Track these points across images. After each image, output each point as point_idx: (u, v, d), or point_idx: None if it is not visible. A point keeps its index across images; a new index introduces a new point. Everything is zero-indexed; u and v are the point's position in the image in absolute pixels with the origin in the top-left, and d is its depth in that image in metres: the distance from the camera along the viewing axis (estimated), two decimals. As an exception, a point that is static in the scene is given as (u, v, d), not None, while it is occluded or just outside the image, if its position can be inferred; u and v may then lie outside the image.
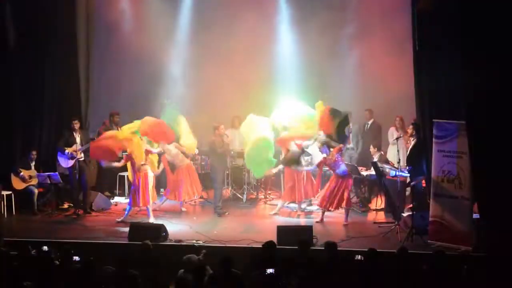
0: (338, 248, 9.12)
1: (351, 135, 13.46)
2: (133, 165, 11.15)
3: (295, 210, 12.07)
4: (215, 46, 14.55)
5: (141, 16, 14.32)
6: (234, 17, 14.16)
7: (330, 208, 11.24)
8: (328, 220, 11.29)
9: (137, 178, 11.14)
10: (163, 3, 14.43)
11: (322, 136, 11.63)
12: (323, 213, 11.35)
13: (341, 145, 11.34)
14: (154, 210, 11.54)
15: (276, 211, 12.04)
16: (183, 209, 12.27)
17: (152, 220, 11.08)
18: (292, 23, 14.58)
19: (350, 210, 11.35)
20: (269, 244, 8.29)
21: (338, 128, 11.20)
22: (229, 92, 14.00)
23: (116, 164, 11.44)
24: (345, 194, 11.13)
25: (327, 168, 11.64)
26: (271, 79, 14.62)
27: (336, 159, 11.21)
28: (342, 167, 11.20)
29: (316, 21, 13.97)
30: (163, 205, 12.33)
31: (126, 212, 11.32)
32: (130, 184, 11.96)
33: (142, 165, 11.11)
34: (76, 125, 11.95)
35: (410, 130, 11.15)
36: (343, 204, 11.17)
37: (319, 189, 12.01)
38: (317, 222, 11.18)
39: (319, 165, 11.55)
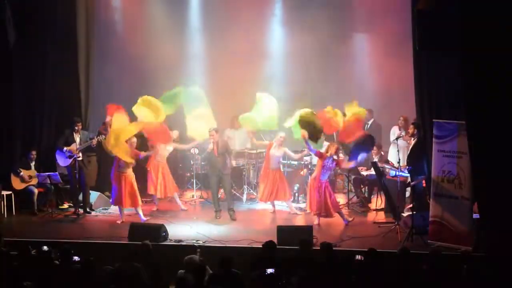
0: (339, 248, 9.18)
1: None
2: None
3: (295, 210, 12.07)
4: (215, 46, 14.58)
5: (141, 16, 14.34)
6: (233, 17, 14.16)
7: (327, 216, 11.12)
8: (328, 221, 11.26)
9: (119, 179, 11.25)
10: (163, 3, 14.43)
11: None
12: (318, 216, 11.22)
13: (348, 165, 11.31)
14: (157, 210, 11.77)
15: (272, 209, 12.13)
16: (184, 207, 12.24)
17: (143, 219, 11.14)
18: (291, 24, 14.58)
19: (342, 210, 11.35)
20: (269, 244, 8.29)
21: (358, 144, 11.16)
22: (229, 92, 14.00)
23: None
24: (331, 200, 11.03)
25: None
26: (271, 79, 14.64)
27: (331, 162, 11.06)
28: (328, 174, 11.13)
29: (316, 21, 13.98)
30: (162, 206, 12.31)
31: (119, 212, 11.40)
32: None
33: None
34: (78, 125, 11.95)
35: (411, 129, 11.15)
36: (333, 210, 11.06)
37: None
38: (316, 224, 11.13)
39: (317, 154, 11.16)
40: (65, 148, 11.83)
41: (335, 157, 11.05)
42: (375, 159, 11.79)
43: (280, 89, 14.54)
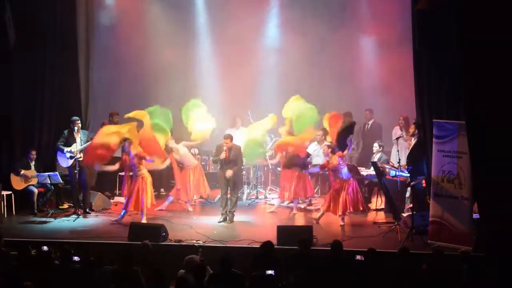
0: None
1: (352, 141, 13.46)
2: (126, 167, 11.20)
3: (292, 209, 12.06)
4: (216, 46, 14.59)
5: (141, 16, 14.33)
6: (234, 19, 14.15)
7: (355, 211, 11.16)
8: (328, 220, 11.25)
9: (132, 181, 11.16)
10: (163, 3, 14.43)
11: (321, 137, 12.11)
12: (322, 214, 11.27)
13: (344, 152, 11.22)
14: (160, 210, 11.80)
15: (274, 209, 12.10)
16: (190, 209, 12.22)
17: (144, 221, 11.04)
18: (292, 24, 14.57)
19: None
20: (266, 245, 8.28)
21: (341, 132, 11.14)
22: (230, 92, 14.00)
23: (110, 167, 11.40)
24: (359, 196, 11.05)
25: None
26: (271, 79, 14.65)
27: (338, 163, 11.05)
28: (345, 171, 11.07)
29: (316, 21, 13.99)
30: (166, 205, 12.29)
31: (121, 214, 11.30)
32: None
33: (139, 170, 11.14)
34: (77, 124, 11.93)
35: (412, 129, 11.13)
36: (360, 207, 11.08)
37: (314, 190, 12.35)
38: (315, 220, 11.13)
39: (322, 167, 11.49)
40: (65, 149, 11.81)
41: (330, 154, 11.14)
42: (375, 159, 11.78)
43: (280, 90, 14.59)
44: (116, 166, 11.41)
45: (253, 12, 14.28)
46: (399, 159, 10.86)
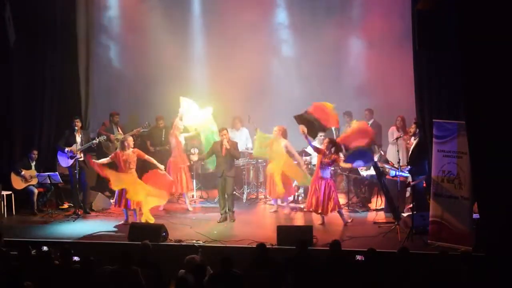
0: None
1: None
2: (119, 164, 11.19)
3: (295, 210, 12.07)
4: (215, 46, 14.58)
5: (141, 17, 14.33)
6: (235, 19, 14.15)
7: (323, 213, 11.01)
8: (328, 220, 11.24)
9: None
10: (163, 4, 14.43)
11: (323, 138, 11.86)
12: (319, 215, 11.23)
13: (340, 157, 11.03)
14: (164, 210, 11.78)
15: (275, 209, 12.08)
16: (190, 208, 12.22)
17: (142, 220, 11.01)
18: (292, 24, 14.58)
19: (343, 210, 11.27)
20: (260, 247, 8.27)
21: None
22: (230, 92, 14.00)
23: (102, 160, 11.32)
24: (331, 198, 10.87)
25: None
26: (271, 79, 14.65)
27: (332, 160, 10.89)
28: (326, 173, 10.93)
29: (316, 21, 13.99)
30: (166, 205, 12.25)
31: (125, 216, 11.29)
32: None
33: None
34: (78, 124, 11.94)
35: (412, 129, 11.12)
36: (334, 208, 10.93)
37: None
38: (319, 224, 11.10)
39: (319, 151, 11.03)
40: (66, 149, 11.82)
41: (331, 150, 10.89)
42: (375, 159, 11.77)
43: (280, 91, 14.58)
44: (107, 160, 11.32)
45: (252, 13, 14.26)
46: (399, 159, 10.86)
